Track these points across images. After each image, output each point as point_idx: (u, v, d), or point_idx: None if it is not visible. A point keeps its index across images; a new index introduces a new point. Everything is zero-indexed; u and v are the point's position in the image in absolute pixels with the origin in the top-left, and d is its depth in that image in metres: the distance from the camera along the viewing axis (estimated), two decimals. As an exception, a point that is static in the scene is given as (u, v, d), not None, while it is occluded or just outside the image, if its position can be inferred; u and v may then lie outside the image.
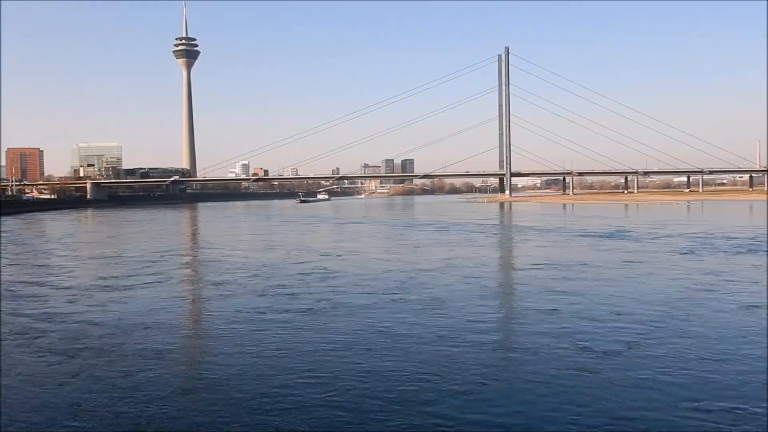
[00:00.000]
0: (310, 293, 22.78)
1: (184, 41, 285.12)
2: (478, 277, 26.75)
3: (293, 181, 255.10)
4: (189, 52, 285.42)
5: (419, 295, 21.99)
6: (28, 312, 20.03)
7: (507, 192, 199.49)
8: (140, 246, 45.53)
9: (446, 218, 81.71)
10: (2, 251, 42.58)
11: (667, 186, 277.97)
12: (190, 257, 39.61)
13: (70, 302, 21.87)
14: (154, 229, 67.14)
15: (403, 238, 51.92)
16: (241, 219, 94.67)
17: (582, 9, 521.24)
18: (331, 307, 19.95)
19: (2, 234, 61.89)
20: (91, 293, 23.81)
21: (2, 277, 29.08)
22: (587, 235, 49.03)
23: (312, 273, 28.44)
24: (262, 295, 22.59)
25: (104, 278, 28.02)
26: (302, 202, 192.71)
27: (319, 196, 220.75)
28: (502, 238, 51.17)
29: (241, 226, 76.44)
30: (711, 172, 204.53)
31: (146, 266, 32.22)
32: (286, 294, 22.74)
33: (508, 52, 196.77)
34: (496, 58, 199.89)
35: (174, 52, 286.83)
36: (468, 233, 53.93)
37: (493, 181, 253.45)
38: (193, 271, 32.08)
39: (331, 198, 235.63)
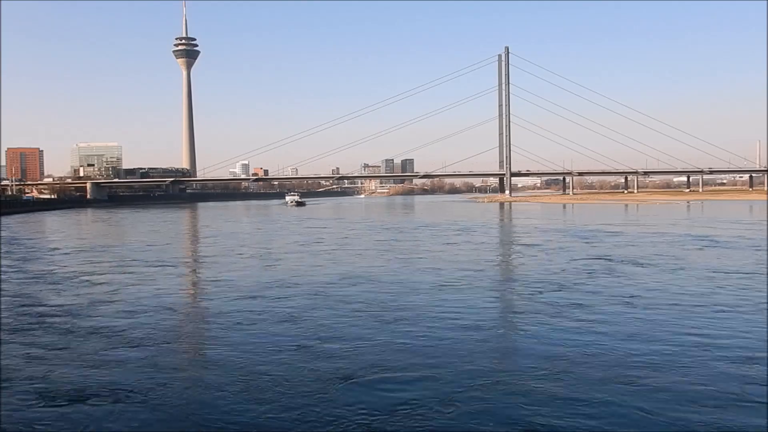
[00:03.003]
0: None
1: (184, 41, 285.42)
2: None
3: (293, 181, 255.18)
4: (189, 52, 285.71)
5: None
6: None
7: (507, 192, 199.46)
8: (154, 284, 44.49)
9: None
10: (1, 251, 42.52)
11: (667, 186, 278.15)
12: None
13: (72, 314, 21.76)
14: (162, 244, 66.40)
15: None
16: (275, 225, 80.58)
17: (582, 9, 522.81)
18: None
19: (2, 234, 61.80)
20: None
21: (1, 277, 29.00)
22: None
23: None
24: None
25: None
26: (299, 204, 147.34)
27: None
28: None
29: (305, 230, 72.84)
30: (711, 172, 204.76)
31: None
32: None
33: (508, 52, 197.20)
34: (496, 58, 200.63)
35: (174, 52, 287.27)
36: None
37: (493, 181, 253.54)
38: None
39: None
